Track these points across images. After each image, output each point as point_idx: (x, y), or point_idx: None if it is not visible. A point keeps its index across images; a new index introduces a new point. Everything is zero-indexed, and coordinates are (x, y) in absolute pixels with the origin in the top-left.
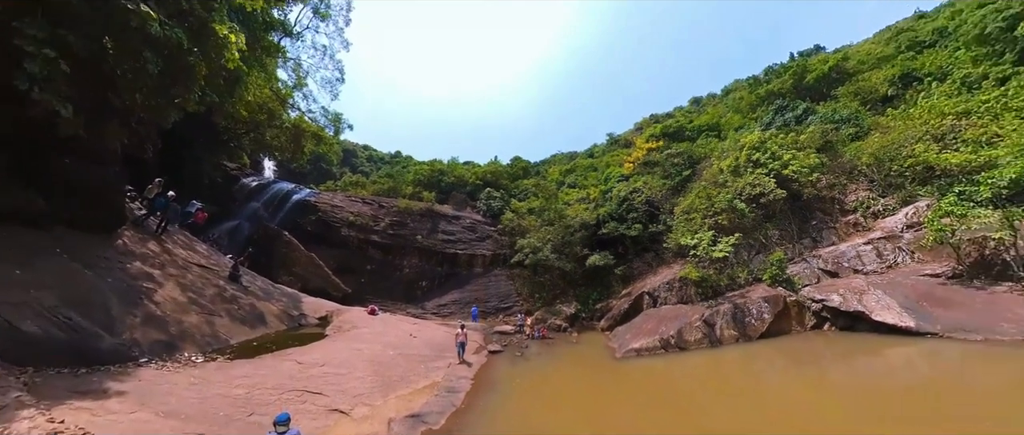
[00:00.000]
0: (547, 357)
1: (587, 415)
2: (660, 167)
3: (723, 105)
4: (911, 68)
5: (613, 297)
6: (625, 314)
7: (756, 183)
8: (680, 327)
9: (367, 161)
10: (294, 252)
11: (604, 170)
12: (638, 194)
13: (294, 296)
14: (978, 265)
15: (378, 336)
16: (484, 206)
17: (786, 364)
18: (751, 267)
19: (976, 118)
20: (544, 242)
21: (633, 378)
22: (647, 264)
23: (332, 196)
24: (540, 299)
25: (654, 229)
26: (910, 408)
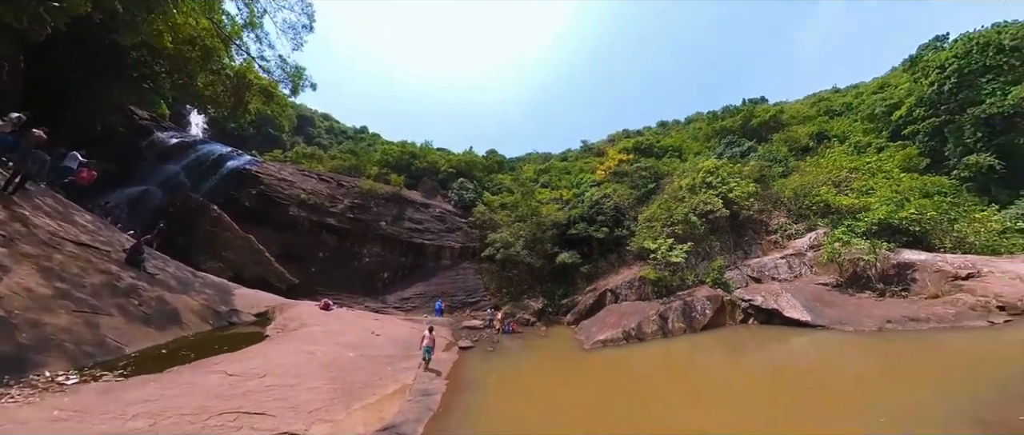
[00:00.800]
0: (519, 351)
1: (566, 404)
2: (629, 178)
3: (685, 131)
4: (824, 129)
5: (578, 293)
6: (590, 309)
7: (707, 202)
8: (639, 321)
9: (326, 133)
10: (225, 232)
11: (577, 174)
12: (608, 200)
13: (222, 287)
14: (851, 278)
15: (334, 335)
16: (456, 196)
17: (722, 350)
18: (697, 271)
19: (861, 173)
20: (517, 237)
21: (601, 366)
22: (610, 264)
23: (280, 167)
24: (508, 294)
25: (619, 233)
26: (805, 375)
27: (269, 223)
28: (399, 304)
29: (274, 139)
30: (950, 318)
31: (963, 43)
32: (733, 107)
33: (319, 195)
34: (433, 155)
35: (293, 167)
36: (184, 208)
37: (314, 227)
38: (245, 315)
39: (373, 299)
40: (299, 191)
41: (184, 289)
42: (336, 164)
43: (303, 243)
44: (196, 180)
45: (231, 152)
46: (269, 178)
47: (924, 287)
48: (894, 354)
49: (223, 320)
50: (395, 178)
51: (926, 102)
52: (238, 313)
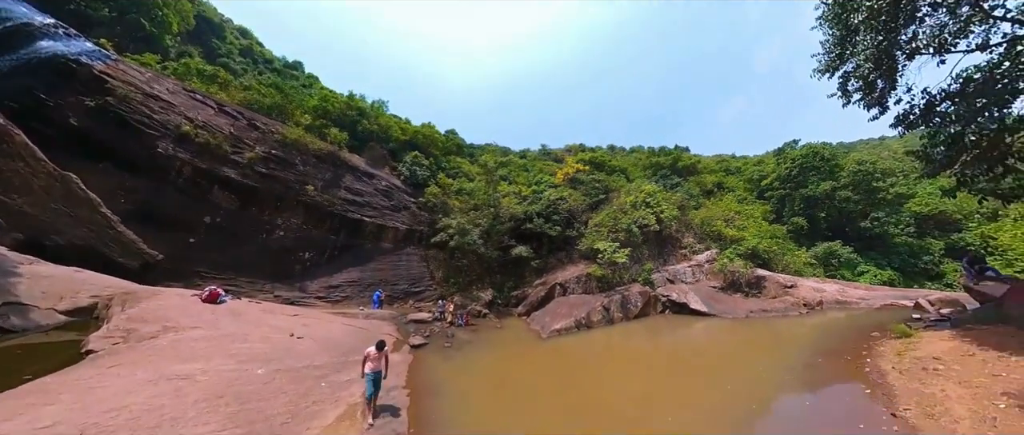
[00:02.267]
0: (479, 345)
1: (541, 394)
2: (583, 186)
3: (629, 158)
4: (722, 181)
5: (528, 286)
6: (541, 301)
7: (645, 218)
8: (588, 311)
9: (241, 54)
10: (12, 161)
11: (537, 174)
12: (563, 202)
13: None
14: (730, 284)
15: (227, 342)
16: (407, 171)
17: (649, 333)
18: (631, 272)
19: (741, 216)
20: (474, 225)
21: (562, 353)
22: (559, 261)
23: (150, 76)
24: (455, 284)
25: (569, 233)
26: (702, 346)
27: (115, 159)
28: (324, 293)
29: (147, 39)
30: (781, 310)
31: (805, 149)
32: (667, 149)
33: (216, 132)
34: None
35: (176, 83)
36: None
37: (200, 178)
38: (42, 313)
39: (287, 286)
40: (181, 119)
41: None
42: (250, 97)
43: (177, 199)
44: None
45: (52, 26)
46: (126, 88)
47: (769, 291)
48: (753, 330)
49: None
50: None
51: (780, 179)
52: (22, 308)
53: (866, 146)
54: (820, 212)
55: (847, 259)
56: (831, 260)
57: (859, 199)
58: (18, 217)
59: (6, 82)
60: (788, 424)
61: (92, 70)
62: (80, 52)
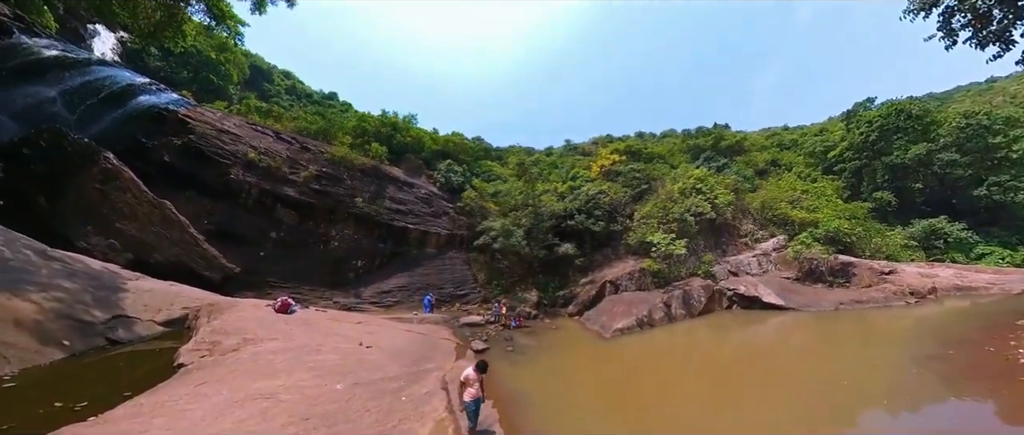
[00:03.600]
0: (541, 348)
1: (628, 397)
2: (622, 177)
3: (662, 144)
4: (777, 158)
5: (574, 285)
6: (592, 300)
7: (699, 205)
8: (649, 309)
9: (287, 93)
10: (123, 194)
11: (570, 169)
12: (604, 196)
13: (102, 277)
14: (807, 273)
15: (303, 355)
16: (443, 178)
17: (720, 331)
18: (688, 265)
19: (809, 195)
20: (517, 226)
21: (629, 353)
22: (605, 258)
23: (220, 116)
24: (498, 286)
25: (614, 228)
26: (792, 342)
27: (197, 187)
28: (376, 299)
29: (216, 90)
30: (880, 300)
31: (887, 107)
32: (705, 129)
33: (276, 157)
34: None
35: (240, 119)
36: (52, 151)
37: (265, 198)
38: (143, 324)
39: (344, 293)
40: (247, 148)
41: (8, 283)
42: (299, 125)
43: (247, 219)
44: (84, 115)
45: (148, 84)
46: (204, 126)
47: (861, 280)
48: (849, 323)
49: (95, 336)
50: (376, 147)
51: (854, 148)
52: (128, 321)
53: (967, 94)
54: (913, 182)
55: (958, 239)
56: (934, 241)
57: (969, 162)
58: (127, 239)
59: (117, 130)
60: (942, 422)
61: (177, 115)
62: (168, 102)
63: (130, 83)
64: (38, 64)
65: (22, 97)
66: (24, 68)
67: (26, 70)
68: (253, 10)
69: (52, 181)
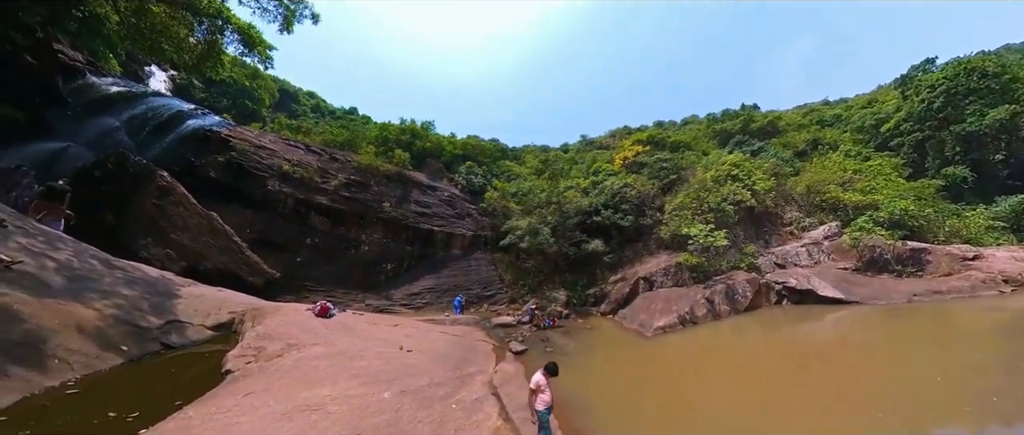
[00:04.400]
0: (582, 348)
1: (687, 395)
2: (649, 168)
3: (685, 132)
4: (818, 137)
5: (604, 283)
6: (626, 298)
7: (737, 193)
8: (690, 305)
9: (312, 111)
10: (177, 208)
11: (590, 164)
12: (630, 189)
13: (158, 284)
14: (868, 262)
15: (347, 361)
16: (464, 180)
17: (771, 327)
18: (728, 258)
19: (863, 175)
20: (544, 223)
21: (676, 352)
22: (635, 253)
23: (257, 134)
24: (525, 286)
25: (643, 221)
26: (861, 338)
27: (240, 198)
28: (407, 301)
29: (251, 113)
30: (966, 290)
31: (953, 66)
32: (731, 111)
33: (307, 168)
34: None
35: (275, 135)
36: (118, 173)
37: (300, 207)
38: (194, 329)
39: (376, 295)
40: (281, 161)
41: (75, 291)
42: (327, 137)
43: (285, 227)
44: (143, 141)
45: (194, 109)
46: (243, 143)
47: (937, 267)
48: (929, 317)
49: (150, 341)
50: (399, 154)
51: (914, 117)
52: (181, 326)
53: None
54: (993, 153)
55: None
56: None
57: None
58: (181, 249)
59: (170, 152)
60: None
61: (220, 135)
62: (212, 124)
63: (180, 110)
64: (105, 99)
65: (93, 128)
66: (94, 103)
67: (96, 105)
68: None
69: (118, 199)
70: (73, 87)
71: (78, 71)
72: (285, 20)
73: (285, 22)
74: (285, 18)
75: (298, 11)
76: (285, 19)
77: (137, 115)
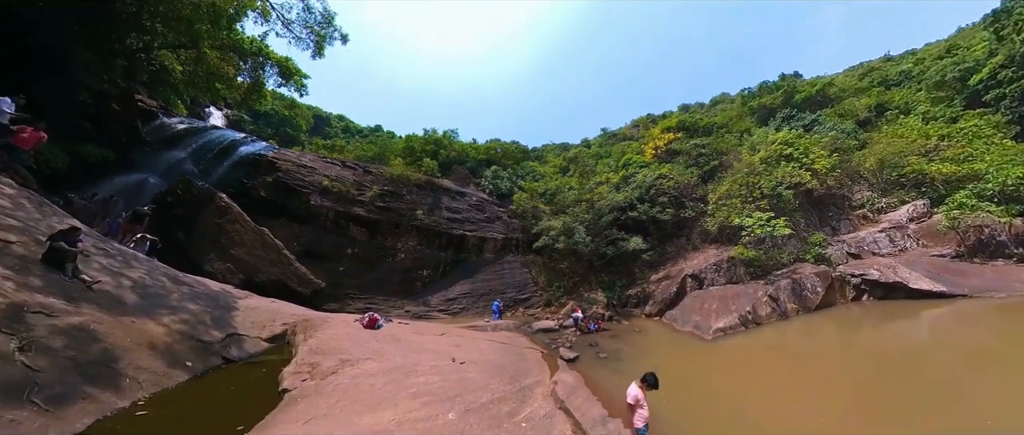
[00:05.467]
0: (636, 353)
1: (770, 406)
2: (684, 156)
3: (717, 114)
4: (883, 100)
5: (645, 282)
6: (674, 298)
7: (793, 175)
8: (752, 304)
9: (342, 132)
10: (234, 225)
11: (619, 157)
12: (666, 180)
13: (218, 298)
14: (974, 247)
15: (402, 376)
16: (490, 184)
17: (852, 327)
18: (789, 250)
19: (954, 141)
20: (578, 222)
21: (743, 357)
22: (677, 249)
23: (299, 154)
24: (560, 288)
25: (684, 214)
26: (956, 344)
27: (286, 214)
28: (444, 307)
29: (291, 139)
30: None
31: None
32: (770, 83)
33: (344, 182)
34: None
35: (313, 154)
36: (186, 197)
37: (340, 219)
38: (251, 341)
39: (414, 302)
40: (321, 177)
41: (146, 308)
42: (359, 153)
43: (327, 238)
44: (205, 168)
45: (245, 138)
46: (287, 164)
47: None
48: None
49: (213, 355)
50: (427, 162)
51: (1017, 60)
52: (239, 339)
53: None
54: None
55: None
56: None
57: None
58: (239, 262)
59: (227, 176)
60: None
61: (267, 158)
62: (261, 149)
63: (233, 139)
64: (175, 136)
65: (166, 160)
66: (167, 140)
67: (168, 141)
68: (314, 55)
69: (187, 219)
70: (150, 128)
71: (153, 114)
72: (317, 45)
73: (317, 47)
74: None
75: (328, 34)
76: (317, 44)
77: (200, 146)
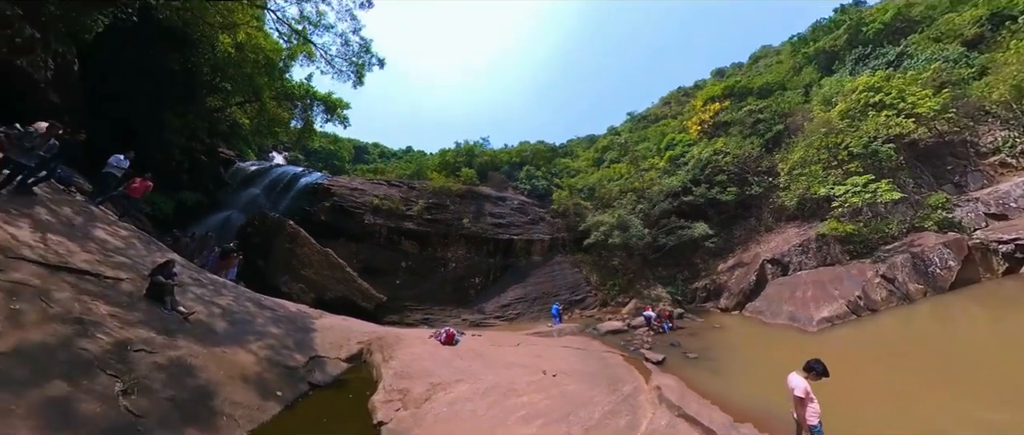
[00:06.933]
0: (729, 352)
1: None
2: (738, 126)
3: (757, 74)
4: (999, 6)
5: (710, 273)
6: (754, 288)
7: (891, 125)
8: (862, 287)
9: (379, 157)
10: (302, 248)
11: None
12: (723, 156)
13: (297, 319)
14: None
15: (502, 400)
16: (528, 186)
17: (1014, 311)
18: (898, 218)
19: None
20: (633, 213)
21: (866, 348)
22: (746, 232)
23: (349, 180)
24: (615, 286)
25: (749, 192)
26: None
27: (344, 234)
28: (499, 313)
29: (338, 169)
30: None
31: None
32: (826, 20)
33: (392, 199)
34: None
35: (361, 178)
36: (262, 228)
37: (392, 234)
38: (331, 363)
39: (469, 310)
40: (371, 197)
41: (237, 335)
42: (399, 173)
43: (382, 254)
44: (274, 200)
45: (304, 170)
46: (340, 189)
47: None
48: None
49: (299, 381)
50: (466, 171)
51: None
52: (321, 362)
53: None
54: None
55: None
56: None
57: None
58: (309, 282)
59: (292, 205)
60: None
61: (324, 185)
62: (317, 179)
63: (294, 173)
64: (249, 177)
65: (244, 197)
66: (243, 180)
67: (244, 181)
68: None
69: (263, 247)
70: (230, 172)
71: (231, 161)
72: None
73: (357, 76)
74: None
75: (366, 62)
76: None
77: (269, 183)
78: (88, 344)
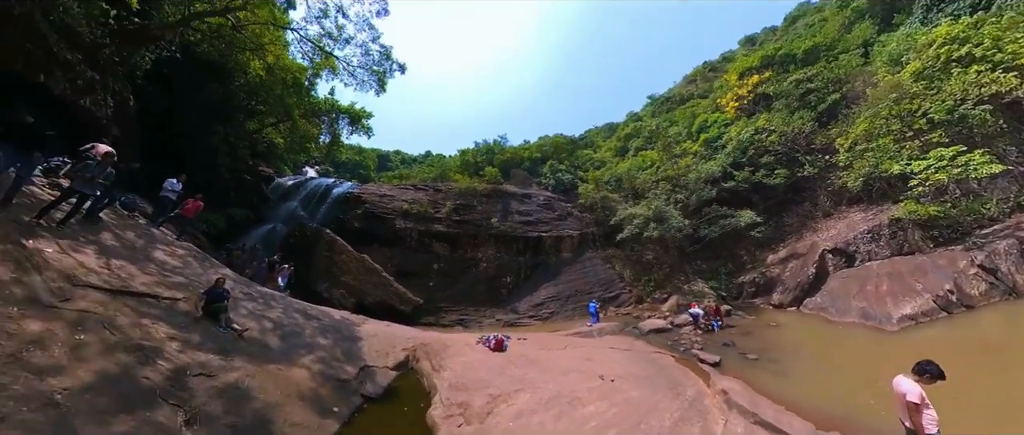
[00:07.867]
0: (793, 353)
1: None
2: (783, 100)
3: (795, 37)
4: None
5: (758, 265)
6: (813, 281)
7: (986, 82)
8: (952, 279)
9: (401, 163)
10: (340, 255)
11: (691, 122)
12: (767, 134)
13: (342, 327)
14: None
15: (568, 409)
16: (552, 180)
17: None
18: (993, 195)
19: None
20: (672, 203)
21: (964, 350)
22: (799, 219)
23: (378, 187)
24: (649, 282)
25: (801, 173)
26: None
27: (377, 240)
28: (533, 312)
29: (365, 178)
30: None
31: None
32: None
33: (420, 203)
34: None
35: (389, 185)
36: (301, 238)
37: (422, 237)
38: (380, 372)
39: (503, 310)
40: (401, 202)
41: (288, 350)
42: (423, 177)
43: (414, 257)
44: (311, 211)
45: (336, 181)
46: (371, 196)
47: None
48: None
49: (352, 394)
50: (489, 170)
51: None
52: (371, 372)
53: None
54: None
55: None
56: None
57: None
58: (351, 288)
59: (327, 215)
60: None
61: (355, 194)
62: (348, 188)
63: (327, 184)
64: (287, 191)
65: (284, 210)
66: (283, 195)
67: (284, 195)
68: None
69: (304, 255)
70: (270, 188)
71: (271, 178)
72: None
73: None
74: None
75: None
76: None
77: (306, 195)
78: (149, 372)
